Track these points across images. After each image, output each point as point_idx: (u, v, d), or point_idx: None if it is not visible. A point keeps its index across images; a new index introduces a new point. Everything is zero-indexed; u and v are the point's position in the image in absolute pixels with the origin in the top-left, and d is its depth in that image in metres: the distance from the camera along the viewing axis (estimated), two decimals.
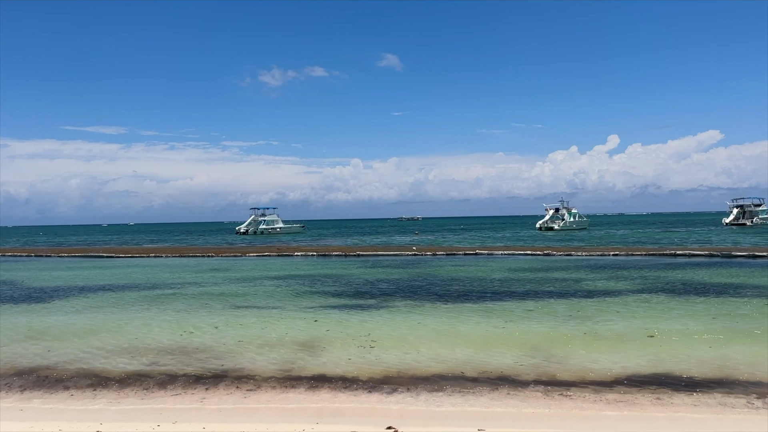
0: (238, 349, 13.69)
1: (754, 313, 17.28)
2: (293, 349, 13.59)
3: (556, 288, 23.84)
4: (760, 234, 67.92)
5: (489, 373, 11.36)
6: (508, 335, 14.75)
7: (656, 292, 21.98)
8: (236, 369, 11.97)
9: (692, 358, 12.12)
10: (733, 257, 36.81)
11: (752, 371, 11.05)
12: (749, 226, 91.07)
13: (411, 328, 15.83)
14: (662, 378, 10.80)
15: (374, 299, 21.64)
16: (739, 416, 8.67)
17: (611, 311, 18.05)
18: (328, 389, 10.43)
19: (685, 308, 18.39)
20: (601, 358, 12.21)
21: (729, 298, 20.37)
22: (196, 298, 22.91)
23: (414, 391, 10.22)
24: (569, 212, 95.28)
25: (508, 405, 9.42)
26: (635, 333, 14.69)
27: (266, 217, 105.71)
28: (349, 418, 8.90)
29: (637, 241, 58.60)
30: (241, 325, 16.61)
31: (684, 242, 55.09)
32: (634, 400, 9.56)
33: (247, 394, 10.31)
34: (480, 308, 19.11)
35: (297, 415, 9.13)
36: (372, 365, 11.99)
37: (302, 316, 18.19)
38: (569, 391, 10.03)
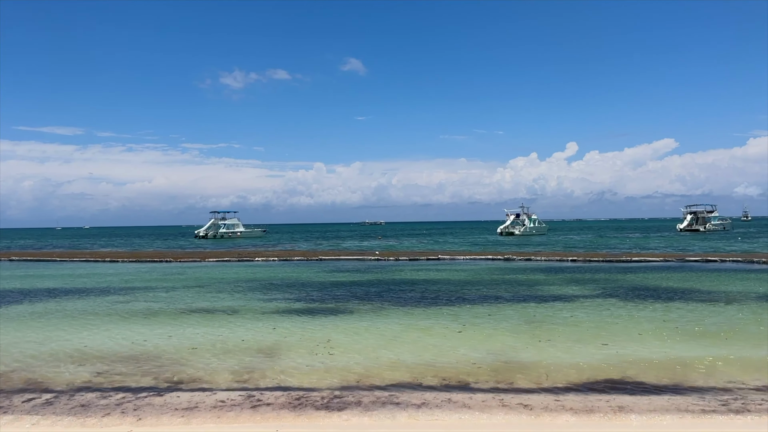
0: (191, 357, 13.26)
1: (707, 317, 17.69)
2: (250, 356, 13.23)
3: (515, 293, 24.01)
4: (713, 240, 70.21)
5: (449, 379, 11.26)
6: (468, 340, 14.71)
7: (613, 296, 22.35)
8: (188, 379, 11.56)
9: (647, 361, 12.27)
10: (686, 262, 37.83)
11: (707, 375, 11.24)
12: (702, 231, 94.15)
13: (371, 334, 15.65)
14: (618, 383, 10.88)
15: (335, 304, 21.40)
16: (696, 420, 8.75)
17: (568, 316, 18.24)
18: (280, 403, 10.13)
19: (639, 312, 18.72)
20: (558, 363, 12.25)
21: (682, 302, 20.84)
22: (151, 303, 22.23)
23: (370, 405, 10.00)
24: (529, 218, 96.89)
25: (468, 414, 9.31)
26: (591, 337, 14.84)
27: (227, 221, 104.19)
28: None
29: (594, 247, 59.78)
30: (197, 332, 16.14)
31: (639, 248, 56.46)
32: (591, 405, 9.57)
33: (191, 409, 9.92)
34: (441, 313, 19.07)
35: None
36: (330, 373, 11.75)
37: (261, 322, 17.81)
38: (528, 399, 9.98)
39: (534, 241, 73.70)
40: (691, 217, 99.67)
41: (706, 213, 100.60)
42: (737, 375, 11.20)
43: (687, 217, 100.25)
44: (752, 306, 19.67)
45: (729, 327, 16.05)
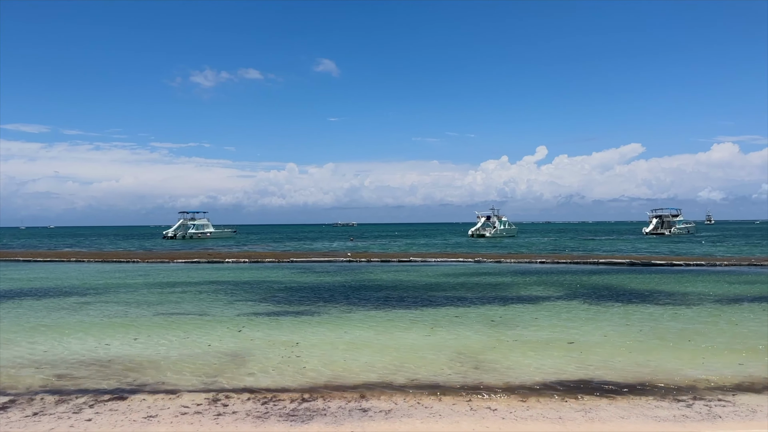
0: (155, 361, 13.00)
1: (671, 320, 18.05)
2: (216, 360, 13.03)
3: (484, 294, 24.17)
4: (677, 243, 71.80)
5: (418, 381, 11.25)
6: (438, 342, 14.74)
7: (579, 298, 22.66)
8: (151, 383, 11.32)
9: (612, 363, 12.44)
10: (652, 265, 38.59)
11: (670, 376, 11.44)
12: (667, 235, 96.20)
13: (341, 337, 15.56)
14: (584, 384, 11.01)
15: (305, 306, 21.24)
16: (661, 421, 8.90)
17: (536, 317, 18.43)
18: (246, 410, 9.99)
19: (606, 314, 19.02)
20: (526, 364, 12.36)
21: (647, 304, 21.24)
22: (116, 305, 21.76)
23: (337, 411, 9.93)
24: (500, 220, 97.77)
25: (438, 420, 9.31)
26: (558, 339, 15.01)
27: (196, 222, 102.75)
28: None
29: (562, 249, 60.61)
30: (163, 335, 15.84)
31: (606, 250, 57.44)
32: (558, 407, 9.66)
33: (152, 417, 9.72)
34: (412, 315, 19.09)
35: None
36: (297, 377, 11.63)
37: (229, 325, 17.56)
38: (496, 402, 10.03)
39: (504, 243, 74.43)
40: (656, 220, 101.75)
41: (671, 217, 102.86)
42: (700, 377, 11.42)
43: (653, 220, 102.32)
44: (714, 308, 20.14)
45: (692, 329, 16.39)
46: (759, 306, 20.37)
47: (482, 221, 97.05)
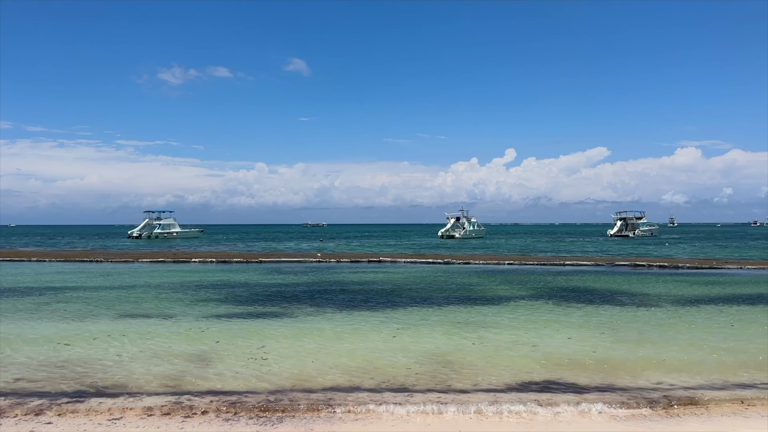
0: (118, 362, 12.68)
1: (633, 320, 18.39)
2: (181, 361, 12.76)
3: (452, 295, 24.28)
4: (641, 245, 73.37)
5: (387, 383, 11.20)
6: (405, 343, 14.71)
7: (546, 299, 22.94)
8: (113, 385, 11.02)
9: (576, 364, 12.59)
10: (616, 266, 39.33)
11: (634, 375, 11.64)
12: (631, 237, 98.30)
13: (309, 338, 15.42)
14: (550, 384, 11.12)
15: (273, 307, 21.02)
16: (627, 420, 9.02)
17: (503, 318, 18.58)
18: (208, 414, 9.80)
19: (570, 315, 19.28)
20: (493, 365, 12.42)
21: (611, 305, 21.62)
22: (77, 305, 21.19)
23: (307, 412, 9.82)
24: (469, 221, 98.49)
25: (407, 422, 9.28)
26: (524, 340, 15.14)
27: (162, 221, 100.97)
28: None
29: (529, 250, 61.37)
30: (125, 336, 15.46)
31: (572, 252, 58.36)
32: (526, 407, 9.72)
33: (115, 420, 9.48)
34: (380, 316, 19.04)
35: None
36: (263, 380, 11.47)
37: (193, 326, 17.24)
38: (466, 403, 10.04)
39: (473, 244, 75.02)
40: (621, 223, 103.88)
41: (635, 219, 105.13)
42: (663, 376, 11.65)
43: (617, 222, 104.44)
44: (675, 309, 20.61)
45: (653, 330, 16.73)
46: (716, 308, 20.90)
47: (452, 222, 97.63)
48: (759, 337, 15.39)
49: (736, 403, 9.80)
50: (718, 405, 9.71)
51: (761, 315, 19.20)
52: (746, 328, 16.89)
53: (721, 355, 13.42)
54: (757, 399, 10.08)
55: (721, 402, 9.89)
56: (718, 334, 15.94)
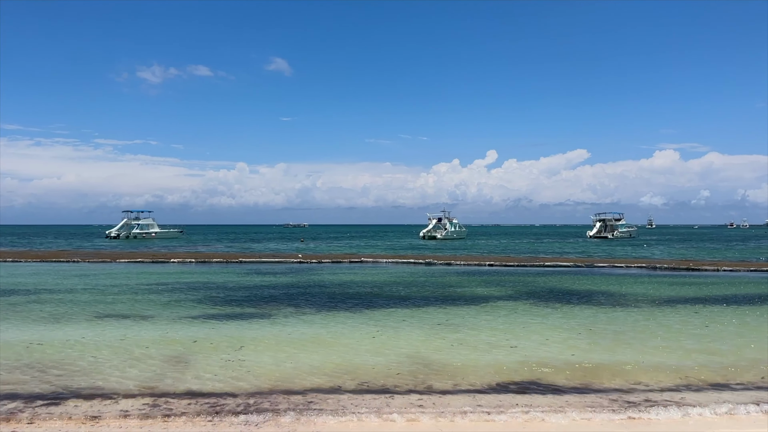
0: (94, 364, 12.48)
1: (612, 321, 18.59)
2: (158, 363, 12.61)
3: (433, 296, 24.34)
4: (620, 246, 74.27)
5: (367, 384, 11.18)
6: (385, 344, 14.71)
7: (525, 300, 23.09)
8: (89, 387, 10.85)
9: (556, 364, 12.69)
10: (595, 267, 39.74)
11: (614, 376, 11.76)
12: (610, 238, 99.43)
13: (288, 339, 15.34)
14: (529, 384, 11.19)
15: (253, 308, 20.87)
16: (606, 420, 9.10)
17: (482, 318, 18.67)
18: (193, 413, 9.70)
19: (550, 315, 19.43)
20: (473, 365, 12.47)
21: (589, 305, 21.83)
22: (53, 306, 20.83)
23: (288, 414, 9.75)
24: (451, 222, 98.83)
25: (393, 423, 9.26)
26: (503, 340, 15.23)
27: (140, 221, 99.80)
28: None
29: (510, 251, 61.77)
30: (101, 338, 15.23)
31: (552, 253, 58.86)
32: (506, 407, 9.77)
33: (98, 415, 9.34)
34: (360, 317, 19.02)
35: None
36: (242, 381, 11.37)
37: (170, 327, 17.05)
38: (447, 403, 10.06)
39: (454, 245, 75.33)
40: (600, 224, 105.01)
41: (614, 221, 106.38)
42: (641, 376, 11.78)
43: (596, 224, 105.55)
44: (653, 310, 20.88)
45: (632, 330, 16.93)
46: (692, 308, 21.22)
47: (433, 223, 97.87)
48: (731, 338, 15.65)
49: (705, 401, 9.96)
50: (692, 407, 9.85)
51: (734, 316, 19.52)
52: (720, 329, 17.16)
53: (694, 356, 13.62)
54: (732, 400, 10.25)
55: (697, 404, 10.04)
56: (693, 335, 16.18)
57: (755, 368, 12.37)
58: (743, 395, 10.48)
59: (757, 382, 11.38)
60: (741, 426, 8.75)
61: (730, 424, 8.88)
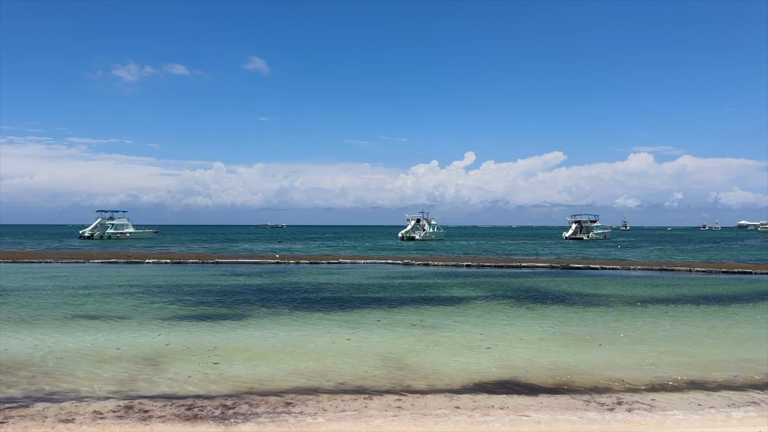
0: (65, 366, 12.25)
1: (588, 321, 18.83)
2: (127, 366, 12.42)
3: (410, 296, 24.41)
4: (595, 247, 75.24)
5: (345, 385, 11.16)
6: (362, 345, 14.71)
7: (502, 300, 23.28)
8: (62, 390, 10.65)
9: (531, 364, 12.81)
10: (570, 269, 40.19)
11: (588, 377, 11.89)
12: (586, 240, 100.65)
13: (264, 340, 15.25)
14: (505, 384, 11.27)
15: (227, 310, 20.68)
16: (582, 420, 9.21)
17: (459, 319, 18.78)
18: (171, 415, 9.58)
19: (525, 316, 19.62)
20: (449, 366, 12.53)
21: (564, 305, 22.09)
22: (24, 308, 20.39)
23: (265, 415, 9.68)
24: (429, 223, 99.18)
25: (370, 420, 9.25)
26: (479, 340, 15.34)
27: (115, 221, 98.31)
28: None
29: (488, 253, 62.19)
30: (73, 339, 14.96)
31: (528, 254, 59.40)
32: (483, 407, 9.83)
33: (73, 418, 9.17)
34: (337, 317, 18.98)
35: None
36: (218, 383, 11.26)
37: (143, 328, 16.82)
38: (425, 404, 10.08)
39: (433, 246, 75.63)
40: (575, 226, 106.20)
41: (589, 222, 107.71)
42: (615, 376, 11.94)
43: (572, 225, 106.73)
44: (626, 311, 21.20)
45: (606, 330, 17.16)
46: (664, 308, 21.60)
47: (412, 224, 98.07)
48: (701, 339, 15.95)
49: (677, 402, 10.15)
50: (664, 410, 10.02)
51: (704, 317, 19.91)
52: (690, 330, 17.49)
53: (665, 357, 13.86)
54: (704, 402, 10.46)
55: (668, 404, 10.22)
56: (663, 335, 16.46)
57: (724, 369, 12.62)
58: (714, 396, 10.69)
59: (726, 382, 11.61)
60: (714, 426, 8.91)
61: (702, 424, 9.04)
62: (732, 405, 9.96)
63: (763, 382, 11.62)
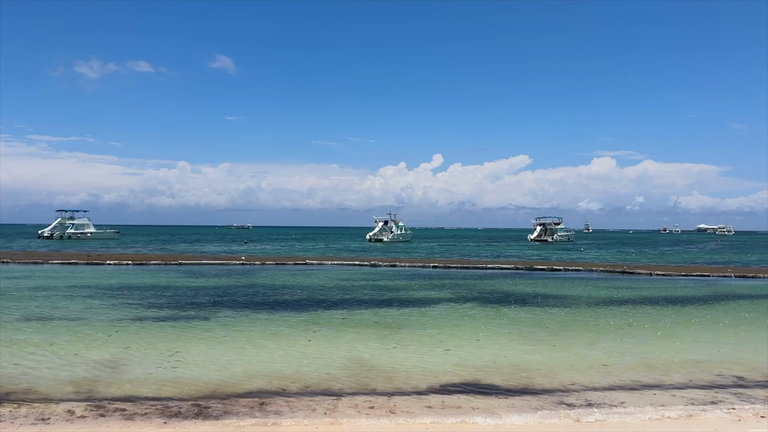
0: (20, 368, 11.89)
1: (550, 322, 19.14)
2: (86, 370, 12.10)
3: (375, 297, 24.44)
4: (558, 250, 76.50)
5: (311, 387, 11.10)
6: (327, 346, 14.67)
7: (467, 302, 23.50)
8: (18, 391, 10.32)
9: (493, 365, 12.97)
10: (534, 270, 40.80)
11: (549, 377, 12.09)
12: (550, 242, 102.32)
13: (225, 342, 15.04)
14: (469, 385, 11.38)
15: (190, 311, 20.36)
16: (544, 419, 9.34)
17: (419, 320, 18.96)
18: (117, 418, 9.38)
19: (491, 317, 19.85)
20: (412, 367, 12.60)
21: (528, 306, 22.42)
22: None
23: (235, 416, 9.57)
24: (397, 225, 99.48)
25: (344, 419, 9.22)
26: (437, 342, 15.48)
27: (75, 221, 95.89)
28: None
29: (453, 254, 62.67)
30: (25, 343, 14.50)
31: (494, 256, 60.08)
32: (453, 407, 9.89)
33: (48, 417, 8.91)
34: (301, 319, 18.88)
35: None
36: (181, 385, 11.08)
37: (102, 331, 16.40)
38: (393, 404, 10.10)
39: (400, 248, 75.87)
40: (540, 228, 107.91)
41: (553, 225, 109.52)
42: (575, 376, 12.17)
43: (537, 228, 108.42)
44: (589, 311, 21.63)
45: (563, 331, 17.47)
46: (621, 309, 22.11)
47: (380, 226, 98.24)
48: (660, 340, 16.37)
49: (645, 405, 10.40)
50: (624, 404, 10.26)
51: (663, 318, 20.44)
52: (650, 331, 17.94)
53: (627, 357, 14.19)
54: (666, 401, 10.73)
55: (631, 404, 10.46)
56: (625, 336, 16.85)
57: (684, 369, 12.98)
58: (674, 394, 10.99)
59: (686, 382, 11.94)
60: (676, 426, 9.14)
61: (667, 423, 9.28)
62: (694, 404, 10.24)
63: (716, 383, 12.02)
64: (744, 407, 10.00)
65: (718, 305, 23.68)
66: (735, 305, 23.65)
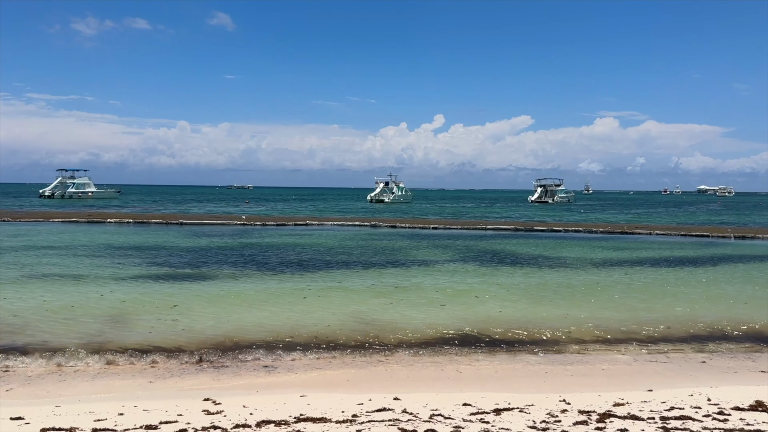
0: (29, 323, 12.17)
1: (548, 280, 19.39)
2: (91, 324, 12.41)
3: (375, 258, 24.69)
4: (559, 211, 76.61)
5: (315, 340, 11.38)
6: (330, 303, 15.01)
7: (467, 262, 23.73)
8: (27, 344, 10.60)
9: (491, 321, 13.26)
10: (534, 231, 40.99)
11: (540, 331, 12.37)
12: (550, 203, 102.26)
13: (224, 299, 15.37)
14: (469, 338, 11.67)
15: (192, 270, 20.59)
16: (537, 368, 9.60)
17: (419, 280, 19.25)
18: (122, 365, 9.64)
19: (490, 275, 20.14)
20: (414, 322, 12.90)
21: (527, 266, 22.67)
22: None
23: (246, 366, 9.83)
24: (398, 186, 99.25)
25: (333, 370, 9.47)
26: (438, 297, 15.81)
27: (76, 180, 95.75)
28: (167, 392, 8.37)
29: (455, 215, 62.85)
30: (33, 298, 14.79)
31: (494, 217, 60.27)
32: (450, 358, 10.16)
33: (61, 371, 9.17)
34: (302, 277, 19.19)
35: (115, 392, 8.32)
36: (187, 337, 11.37)
37: (105, 287, 16.68)
38: (389, 357, 10.34)
39: (401, 209, 75.97)
40: (541, 189, 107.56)
41: (554, 186, 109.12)
42: (575, 333, 12.44)
43: (537, 189, 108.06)
44: (588, 270, 21.87)
45: (562, 289, 17.74)
46: (621, 269, 22.35)
47: (381, 187, 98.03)
48: (658, 298, 16.61)
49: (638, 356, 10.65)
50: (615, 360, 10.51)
51: (661, 276, 20.67)
52: (647, 288, 18.20)
53: (615, 312, 14.46)
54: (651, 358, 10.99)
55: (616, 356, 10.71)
56: (622, 294, 17.11)
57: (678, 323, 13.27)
58: (662, 347, 11.26)
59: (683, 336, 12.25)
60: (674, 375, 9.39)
61: (659, 371, 9.53)
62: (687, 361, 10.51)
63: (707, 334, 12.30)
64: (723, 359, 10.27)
65: (717, 266, 23.86)
66: (732, 266, 23.87)
